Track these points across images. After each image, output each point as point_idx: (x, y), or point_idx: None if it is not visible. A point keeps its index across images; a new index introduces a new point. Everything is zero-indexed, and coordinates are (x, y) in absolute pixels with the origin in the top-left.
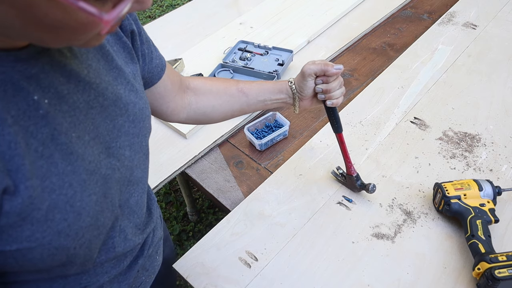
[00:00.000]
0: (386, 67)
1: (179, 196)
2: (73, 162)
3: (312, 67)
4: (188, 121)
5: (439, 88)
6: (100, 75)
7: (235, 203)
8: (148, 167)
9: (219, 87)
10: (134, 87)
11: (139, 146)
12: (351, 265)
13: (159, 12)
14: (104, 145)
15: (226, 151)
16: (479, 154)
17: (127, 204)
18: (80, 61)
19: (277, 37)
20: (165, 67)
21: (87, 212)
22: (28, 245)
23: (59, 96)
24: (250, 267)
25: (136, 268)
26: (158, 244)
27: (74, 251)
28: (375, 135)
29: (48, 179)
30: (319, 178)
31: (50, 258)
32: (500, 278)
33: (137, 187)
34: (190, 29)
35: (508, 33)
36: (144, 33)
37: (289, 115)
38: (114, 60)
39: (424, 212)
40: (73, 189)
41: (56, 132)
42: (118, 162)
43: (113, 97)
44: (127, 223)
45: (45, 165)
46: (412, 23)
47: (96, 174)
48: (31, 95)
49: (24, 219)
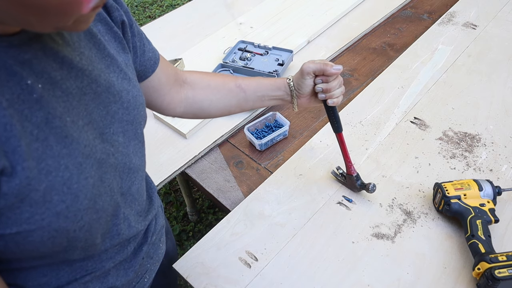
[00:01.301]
0: (386, 67)
1: (179, 196)
2: (68, 145)
3: (311, 65)
4: (185, 115)
5: (439, 88)
6: (93, 63)
7: (235, 203)
8: (144, 154)
9: (217, 81)
10: (127, 75)
11: (133, 133)
12: (351, 265)
13: (159, 12)
14: (98, 130)
15: (226, 151)
16: (479, 154)
17: (129, 192)
18: (73, 48)
19: (277, 37)
20: (158, 60)
21: (85, 194)
22: (28, 227)
23: (52, 82)
24: (250, 267)
25: (141, 255)
26: (160, 232)
27: (74, 233)
28: (375, 135)
29: (44, 161)
30: (319, 178)
31: (51, 241)
32: (500, 278)
33: (137, 175)
34: (190, 29)
35: (508, 33)
36: (135, 25)
37: (289, 115)
38: (106, 49)
39: (424, 212)
40: (69, 171)
41: (51, 115)
42: (112, 147)
43: (106, 84)
44: (129, 211)
45: (41, 148)
46: (412, 23)
47: (91, 158)
48: (25, 79)
49: (22, 200)
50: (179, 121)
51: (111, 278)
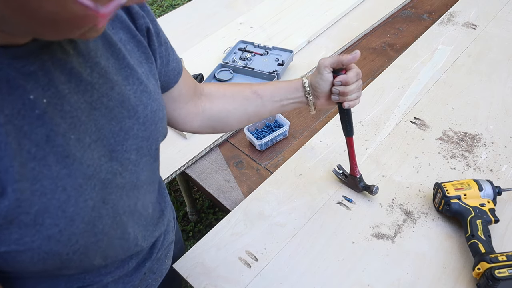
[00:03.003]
0: (386, 67)
1: (179, 196)
2: (69, 166)
3: (327, 58)
4: (202, 130)
5: (439, 88)
6: (107, 74)
7: (235, 203)
8: (157, 168)
9: (233, 90)
10: (147, 88)
11: (147, 150)
12: (351, 265)
13: (159, 12)
14: (108, 148)
15: (226, 151)
16: (479, 154)
17: (136, 209)
18: (85, 59)
19: (277, 37)
20: (181, 70)
21: (82, 218)
22: (16, 248)
23: (59, 96)
24: (250, 267)
25: (142, 271)
26: (168, 248)
27: (67, 256)
28: (375, 135)
29: (39, 182)
30: (319, 178)
31: (41, 262)
32: (500, 278)
33: (142, 190)
34: (190, 29)
35: (508, 33)
36: (162, 34)
37: (289, 115)
38: (126, 59)
39: (424, 212)
40: (67, 193)
41: (53, 133)
42: (120, 166)
43: (119, 98)
44: (137, 228)
45: (37, 167)
46: (412, 23)
47: (95, 178)
48: (27, 94)
49: (11, 222)
50: None
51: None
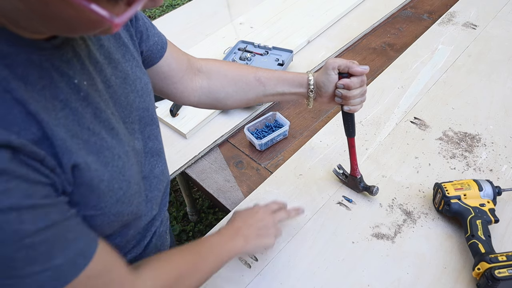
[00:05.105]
0: (386, 67)
1: (179, 196)
2: (115, 136)
3: (337, 60)
4: (200, 105)
5: (439, 88)
6: (110, 55)
7: (235, 203)
8: (159, 135)
9: (235, 72)
10: (138, 63)
11: (150, 119)
12: (351, 265)
13: (159, 12)
14: (122, 120)
15: (226, 151)
16: (479, 154)
17: (153, 175)
18: (94, 42)
19: (277, 37)
20: (166, 45)
21: (134, 180)
22: (93, 212)
23: (91, 77)
24: (250, 267)
25: (150, 249)
26: (166, 224)
27: (127, 217)
28: (375, 135)
29: (102, 153)
30: (319, 178)
31: (108, 225)
32: (500, 278)
33: (159, 158)
34: (190, 29)
35: (508, 33)
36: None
37: (289, 115)
38: (121, 38)
39: (424, 212)
40: (122, 160)
41: (98, 110)
42: (131, 135)
43: (122, 75)
44: (152, 194)
45: (98, 141)
46: (412, 23)
47: (130, 146)
48: (72, 79)
49: (92, 191)
50: (179, 121)
51: None
